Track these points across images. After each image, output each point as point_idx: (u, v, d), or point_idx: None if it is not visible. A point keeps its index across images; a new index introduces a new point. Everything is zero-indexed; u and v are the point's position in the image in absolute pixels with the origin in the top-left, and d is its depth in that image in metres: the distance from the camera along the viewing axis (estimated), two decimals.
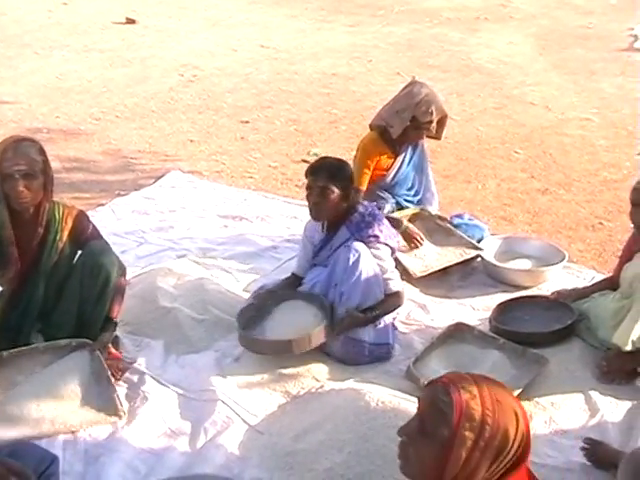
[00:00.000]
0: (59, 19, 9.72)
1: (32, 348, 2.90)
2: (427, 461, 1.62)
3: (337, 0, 11.13)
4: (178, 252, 4.04)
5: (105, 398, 2.80)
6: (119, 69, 7.65)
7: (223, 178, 5.13)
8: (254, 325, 3.22)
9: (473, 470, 1.58)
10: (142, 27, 9.41)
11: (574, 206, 4.76)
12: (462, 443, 1.56)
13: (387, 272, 3.18)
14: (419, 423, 1.65)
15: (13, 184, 2.78)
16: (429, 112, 3.80)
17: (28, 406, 2.70)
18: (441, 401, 1.60)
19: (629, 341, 2.99)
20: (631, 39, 8.98)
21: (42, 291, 2.97)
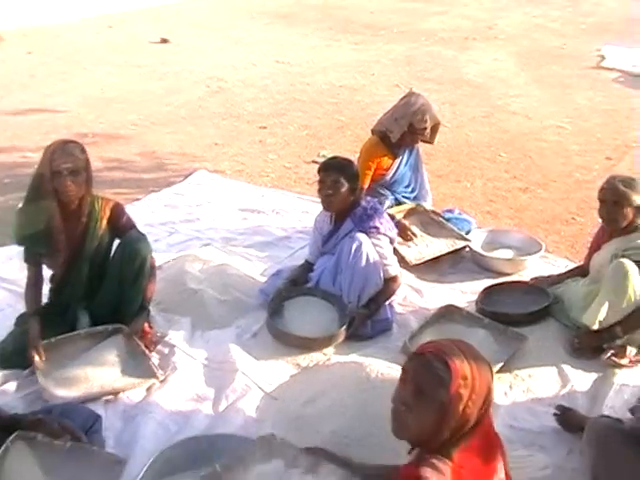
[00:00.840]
0: (104, 40, 9.65)
1: (75, 334, 2.88)
2: (427, 423, 1.63)
3: (344, 21, 11.02)
4: (203, 241, 3.99)
5: (142, 367, 2.80)
6: (154, 82, 7.57)
7: (243, 177, 5.06)
8: (281, 313, 3.18)
9: (467, 420, 1.63)
10: (174, 45, 9.31)
11: (550, 203, 4.69)
12: (459, 400, 1.60)
13: (386, 259, 3.15)
14: (415, 390, 1.64)
15: (61, 180, 2.76)
16: (424, 120, 3.76)
17: (77, 377, 2.70)
18: (437, 368, 1.61)
19: (596, 321, 2.95)
20: (598, 58, 8.85)
21: (86, 273, 2.95)
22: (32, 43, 9.39)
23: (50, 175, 2.77)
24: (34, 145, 5.59)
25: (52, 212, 2.83)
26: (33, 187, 2.85)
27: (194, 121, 6.28)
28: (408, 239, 3.70)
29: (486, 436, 1.71)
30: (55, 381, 2.68)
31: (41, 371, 2.70)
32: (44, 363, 2.73)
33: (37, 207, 2.83)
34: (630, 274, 2.89)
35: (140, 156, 5.41)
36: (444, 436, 1.63)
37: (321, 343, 3.01)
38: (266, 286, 3.35)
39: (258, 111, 6.59)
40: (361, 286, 3.09)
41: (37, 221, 2.84)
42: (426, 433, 1.64)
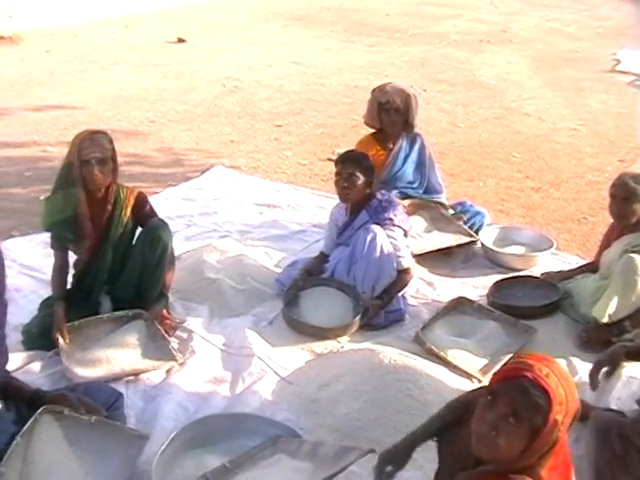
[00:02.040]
0: (121, 39, 9.81)
1: (97, 318, 3.00)
2: (517, 448, 1.58)
3: (359, 24, 11.13)
4: (221, 233, 4.09)
5: (162, 350, 2.91)
6: (171, 81, 7.70)
7: (259, 173, 5.16)
8: (297, 303, 3.28)
9: (557, 442, 1.60)
10: (191, 46, 9.45)
11: (562, 203, 4.77)
12: (554, 426, 1.56)
13: (400, 250, 3.24)
14: (511, 414, 1.57)
15: (90, 169, 2.87)
16: (384, 92, 3.80)
17: (99, 358, 2.81)
18: (536, 395, 1.55)
19: (606, 315, 3.02)
20: (614, 62, 8.90)
21: (110, 259, 3.05)
22: (50, 43, 9.56)
23: (79, 164, 2.88)
24: (54, 140, 5.74)
25: (79, 199, 2.94)
26: (61, 175, 2.97)
27: (210, 119, 6.39)
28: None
29: (564, 455, 1.69)
30: (78, 362, 2.79)
31: (65, 352, 2.81)
32: (68, 345, 2.85)
33: (65, 194, 2.95)
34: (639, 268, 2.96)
35: (158, 152, 5.52)
36: (533, 459, 1.60)
37: (335, 332, 3.11)
38: (282, 276, 3.45)
39: (274, 110, 6.69)
40: (375, 277, 3.18)
41: (65, 208, 2.95)
42: (514, 455, 1.59)
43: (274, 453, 2.31)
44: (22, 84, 7.47)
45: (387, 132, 3.94)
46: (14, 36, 9.63)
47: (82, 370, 2.73)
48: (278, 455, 2.30)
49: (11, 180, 4.86)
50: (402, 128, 3.94)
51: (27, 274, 3.61)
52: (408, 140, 4.00)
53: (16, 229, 4.10)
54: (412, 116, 3.90)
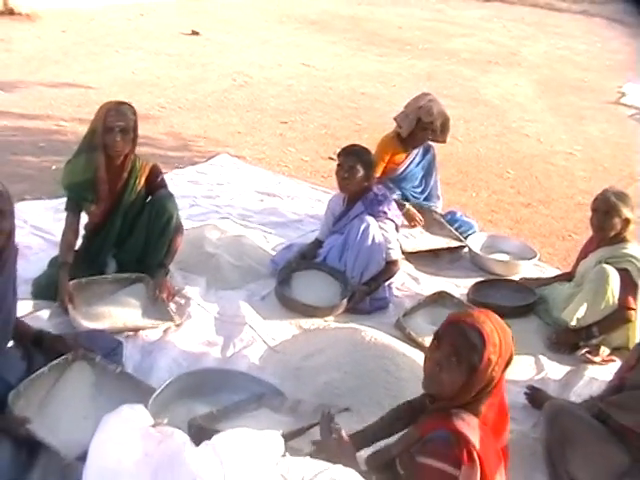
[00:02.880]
0: (136, 26, 10.13)
1: (103, 278, 3.28)
2: (458, 382, 1.88)
3: (371, 34, 11.49)
4: (222, 215, 4.37)
5: (161, 311, 3.19)
6: (183, 70, 8.01)
7: (262, 164, 5.45)
8: (289, 283, 3.56)
9: (492, 380, 1.90)
10: (204, 39, 9.78)
11: (550, 220, 5.07)
12: (489, 365, 1.86)
13: (390, 242, 3.53)
14: (450, 354, 1.87)
15: (113, 136, 3.13)
16: (430, 114, 4.11)
17: (103, 313, 3.10)
18: (473, 336, 1.85)
19: (574, 318, 3.30)
20: (618, 95, 9.26)
21: (120, 223, 3.32)
22: (66, 23, 9.86)
23: (102, 130, 3.14)
24: (67, 116, 6.02)
25: (99, 164, 3.21)
26: (85, 140, 3.24)
27: (219, 110, 6.70)
28: (414, 225, 4.09)
29: (500, 396, 1.99)
30: (83, 314, 3.06)
31: (71, 305, 3.08)
32: (74, 298, 3.11)
33: (87, 158, 3.21)
34: (611, 279, 3.25)
35: (167, 135, 5.81)
36: (471, 394, 1.89)
37: (323, 311, 3.39)
38: (277, 257, 3.74)
39: (281, 107, 7.01)
40: (365, 264, 3.47)
41: (85, 170, 3.21)
42: (455, 391, 1.89)
43: (259, 407, 2.59)
44: (38, 60, 7.76)
45: (413, 142, 4.27)
46: (32, 14, 9.94)
47: (87, 322, 3.00)
48: (262, 409, 2.58)
49: (26, 149, 5.14)
50: (427, 143, 4.37)
51: (37, 235, 3.88)
52: (423, 148, 4.39)
53: (28, 193, 4.37)
54: (444, 138, 4.32)
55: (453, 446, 1.83)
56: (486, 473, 1.83)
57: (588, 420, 2.54)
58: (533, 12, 17.44)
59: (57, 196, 4.19)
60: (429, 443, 1.89)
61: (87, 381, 2.45)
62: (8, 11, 9.90)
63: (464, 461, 1.81)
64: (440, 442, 1.86)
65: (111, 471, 1.82)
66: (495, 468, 1.89)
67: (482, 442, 1.85)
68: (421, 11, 15.16)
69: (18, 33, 9.01)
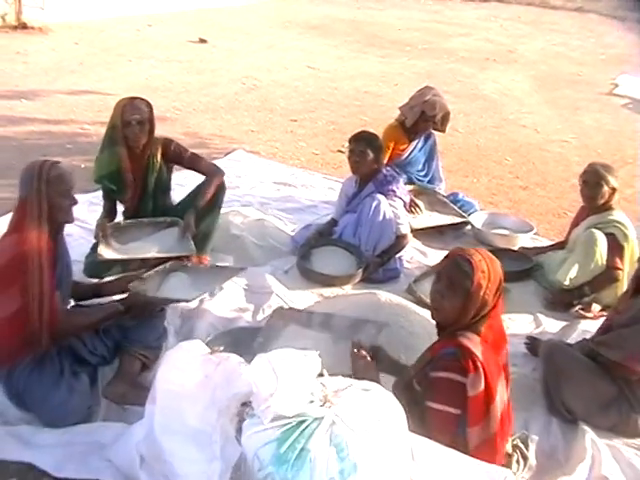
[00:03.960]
0: (145, 36, 10.57)
1: (140, 221, 3.68)
2: (456, 306, 2.27)
3: (372, 36, 11.91)
4: (243, 203, 4.77)
5: (183, 246, 3.56)
6: (194, 76, 8.43)
7: (276, 159, 5.84)
8: (309, 258, 3.95)
9: (486, 303, 2.28)
10: (211, 46, 10.21)
11: (546, 200, 5.45)
12: (480, 288, 2.24)
13: (399, 218, 3.92)
14: (448, 283, 2.28)
15: (131, 129, 3.50)
16: (434, 108, 4.53)
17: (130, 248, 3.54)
18: (463, 265, 2.25)
19: (567, 278, 3.70)
20: (612, 86, 9.64)
21: (151, 204, 3.73)
22: (78, 35, 10.31)
23: (121, 125, 3.53)
24: (89, 120, 6.44)
25: (121, 156, 3.60)
26: (106, 136, 3.63)
27: (231, 111, 7.10)
28: (414, 212, 4.47)
29: (498, 319, 2.39)
30: (112, 249, 3.49)
31: (103, 241, 3.48)
32: (110, 238, 3.52)
33: (110, 152, 3.60)
34: (599, 241, 3.64)
35: (184, 135, 6.19)
36: (469, 316, 2.28)
37: (341, 281, 3.78)
38: (297, 236, 4.14)
39: (290, 107, 7.41)
40: (377, 238, 3.86)
41: (110, 164, 3.61)
42: (456, 314, 2.28)
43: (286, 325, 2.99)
44: (55, 71, 8.19)
45: (416, 130, 4.67)
46: (44, 27, 10.41)
47: (110, 254, 3.44)
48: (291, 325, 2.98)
49: (54, 150, 5.54)
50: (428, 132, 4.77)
51: (76, 224, 4.25)
52: (425, 136, 4.79)
53: None
54: (443, 128, 4.73)
55: (460, 358, 2.22)
56: (489, 380, 2.22)
57: (579, 357, 2.92)
58: (529, 11, 17.86)
59: (88, 191, 4.59)
60: (439, 359, 2.29)
61: (184, 274, 3.20)
62: (21, 25, 10.37)
63: (470, 370, 2.20)
64: (449, 357, 2.26)
65: (175, 393, 2.21)
66: (496, 377, 2.27)
67: (484, 355, 2.24)
68: (419, 13, 15.60)
69: (33, 46, 9.45)
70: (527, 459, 2.60)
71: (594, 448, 2.71)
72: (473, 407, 2.25)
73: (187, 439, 2.12)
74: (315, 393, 2.01)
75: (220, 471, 2.04)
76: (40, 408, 2.64)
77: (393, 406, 2.10)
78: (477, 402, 2.24)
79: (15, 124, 6.15)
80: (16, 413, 2.70)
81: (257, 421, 2.00)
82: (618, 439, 2.82)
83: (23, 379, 2.61)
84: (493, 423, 2.28)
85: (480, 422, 2.27)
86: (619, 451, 2.75)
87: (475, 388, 2.23)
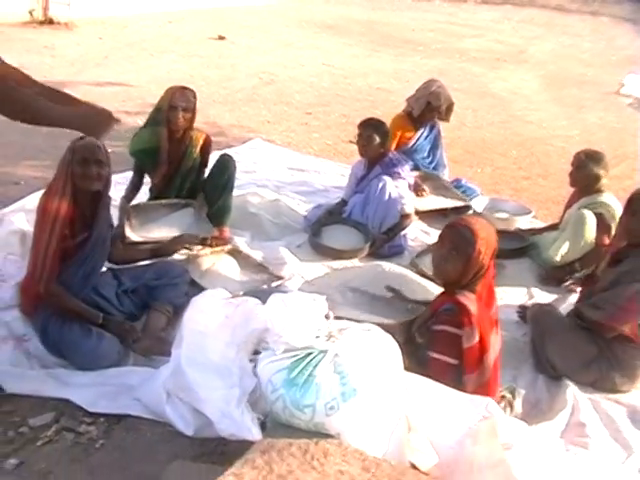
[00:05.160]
0: (166, 32, 10.94)
1: (157, 203, 4.01)
2: (458, 269, 2.57)
3: (386, 36, 12.22)
4: (259, 186, 5.09)
5: (203, 228, 3.91)
6: (213, 70, 8.77)
7: (291, 147, 6.15)
8: (320, 234, 4.26)
9: (482, 266, 2.59)
10: (230, 42, 10.56)
11: (547, 189, 5.73)
12: (480, 253, 2.54)
13: (403, 198, 4.22)
14: (451, 248, 2.57)
15: (175, 113, 3.83)
16: (438, 99, 4.84)
17: (153, 229, 3.88)
18: (466, 233, 2.55)
19: (559, 254, 3.99)
20: (619, 86, 9.90)
21: (178, 185, 4.05)
22: (102, 31, 10.70)
23: (167, 108, 3.86)
24: (114, 109, 6.59)
25: (162, 135, 3.93)
26: (151, 116, 3.97)
27: (249, 104, 7.43)
28: (420, 195, 4.76)
29: (490, 279, 2.68)
30: (136, 231, 3.83)
31: (128, 223, 3.83)
32: (133, 219, 3.86)
33: (152, 130, 3.94)
34: (588, 220, 3.92)
35: (204, 124, 6.47)
36: (469, 277, 2.58)
37: (349, 254, 4.08)
38: (309, 215, 4.45)
39: (305, 101, 7.74)
40: (383, 216, 4.16)
41: (150, 140, 3.94)
42: (457, 275, 2.58)
43: None
44: (81, 63, 8.56)
45: (421, 120, 4.99)
46: (69, 23, 10.81)
47: (136, 236, 3.77)
48: None
49: None
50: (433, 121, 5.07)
51: None
52: (430, 125, 5.10)
53: None
54: (448, 118, 5.05)
55: (456, 313, 2.53)
56: (483, 333, 2.53)
57: (563, 318, 3.23)
58: (542, 13, 18.13)
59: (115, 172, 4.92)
60: (439, 314, 2.60)
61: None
62: (48, 21, 10.78)
63: (465, 324, 2.50)
64: (447, 312, 2.57)
65: (200, 332, 2.52)
66: (489, 330, 2.57)
67: (478, 311, 2.53)
68: (433, 15, 15.91)
69: (59, 40, 9.84)
70: (513, 407, 2.89)
71: (575, 399, 3.00)
72: (468, 357, 2.55)
73: (210, 370, 2.43)
74: (321, 330, 2.31)
75: (239, 395, 2.35)
76: (74, 354, 2.94)
77: (391, 345, 2.40)
78: (472, 353, 2.55)
79: None
80: (53, 359, 3.00)
81: (271, 353, 2.30)
82: (598, 393, 3.10)
83: (57, 330, 2.93)
84: (487, 371, 2.58)
85: (475, 370, 2.57)
86: (598, 404, 3.04)
87: (470, 340, 2.53)
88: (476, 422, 2.36)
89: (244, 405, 2.34)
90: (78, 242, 3.01)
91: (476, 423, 2.35)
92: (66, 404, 2.73)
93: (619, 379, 3.10)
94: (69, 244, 2.96)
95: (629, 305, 3.02)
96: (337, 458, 2.10)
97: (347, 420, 2.18)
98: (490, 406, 2.38)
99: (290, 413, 2.21)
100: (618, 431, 2.89)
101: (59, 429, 2.60)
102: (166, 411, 2.62)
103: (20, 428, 2.59)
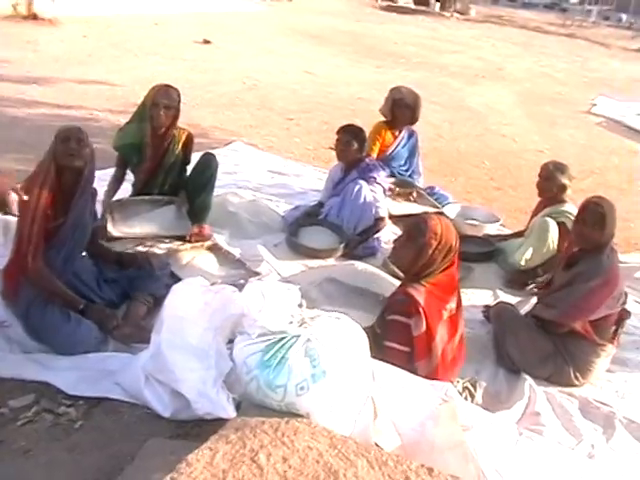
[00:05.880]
0: (151, 34, 11.06)
1: (140, 199, 4.15)
2: (409, 256, 2.80)
3: (369, 48, 12.45)
4: (239, 187, 5.23)
5: (184, 226, 4.07)
6: (197, 74, 8.89)
7: (272, 151, 6.29)
8: (297, 234, 4.41)
9: (434, 261, 2.79)
10: (215, 47, 10.70)
11: (516, 200, 5.94)
12: (430, 246, 2.75)
13: (378, 202, 4.39)
14: (406, 237, 2.81)
15: (157, 110, 3.98)
16: (399, 92, 5.09)
17: (134, 225, 4.02)
18: (421, 225, 2.78)
19: (523, 259, 4.19)
20: (590, 106, 10.21)
21: (161, 181, 4.19)
22: (86, 29, 10.79)
23: (150, 105, 4.00)
24: (99, 106, 6.90)
25: (146, 132, 4.07)
26: (136, 112, 4.11)
27: (232, 108, 7.58)
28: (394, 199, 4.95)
29: (450, 280, 2.89)
30: (118, 228, 3.97)
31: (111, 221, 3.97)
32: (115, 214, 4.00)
33: (136, 127, 4.08)
34: (550, 228, 4.13)
35: (187, 126, 6.53)
36: (417, 267, 2.79)
37: (324, 253, 4.24)
38: (287, 215, 4.60)
39: (287, 107, 7.90)
40: (358, 218, 4.32)
41: (134, 136, 4.08)
42: (408, 262, 2.82)
43: None
44: (64, 60, 8.65)
45: (396, 122, 5.18)
46: (53, 19, 10.90)
47: (118, 233, 3.91)
48: None
49: None
50: (408, 122, 5.19)
51: None
52: (408, 133, 5.29)
53: None
54: (418, 113, 5.19)
55: (406, 304, 2.74)
56: (429, 322, 2.73)
57: (522, 317, 3.44)
58: (521, 33, 18.53)
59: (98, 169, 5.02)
60: (391, 305, 2.79)
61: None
62: (32, 16, 10.85)
63: (413, 313, 2.68)
64: (398, 302, 2.78)
65: (179, 317, 2.65)
66: (437, 320, 2.77)
67: (426, 302, 2.73)
68: (416, 29, 16.21)
69: (43, 36, 9.93)
70: (474, 397, 3.07)
71: (531, 391, 3.20)
72: (418, 345, 2.76)
73: (188, 353, 2.56)
74: (295, 316, 2.47)
75: (215, 376, 2.49)
76: (53, 338, 3.03)
77: (359, 334, 2.56)
78: (421, 340, 2.76)
79: (28, 106, 6.60)
80: (34, 344, 3.08)
81: (246, 337, 2.45)
82: (553, 387, 3.31)
83: (38, 315, 3.04)
84: (435, 358, 2.79)
85: (424, 358, 2.78)
86: (553, 396, 3.24)
87: (418, 328, 2.75)
88: (437, 406, 2.53)
89: (220, 385, 2.48)
90: (58, 224, 3.11)
91: (437, 406, 2.53)
92: (46, 387, 2.81)
93: (573, 374, 3.31)
94: (50, 225, 3.06)
95: (581, 303, 3.22)
96: (306, 435, 2.24)
97: (316, 400, 2.33)
98: (449, 391, 2.55)
99: (263, 393, 2.36)
100: (570, 421, 3.09)
101: (39, 410, 2.67)
102: (144, 394, 2.73)
103: (0, 409, 2.66)
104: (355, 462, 2.13)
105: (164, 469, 2.05)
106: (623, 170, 7.36)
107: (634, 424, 3.12)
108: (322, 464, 2.10)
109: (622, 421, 3.13)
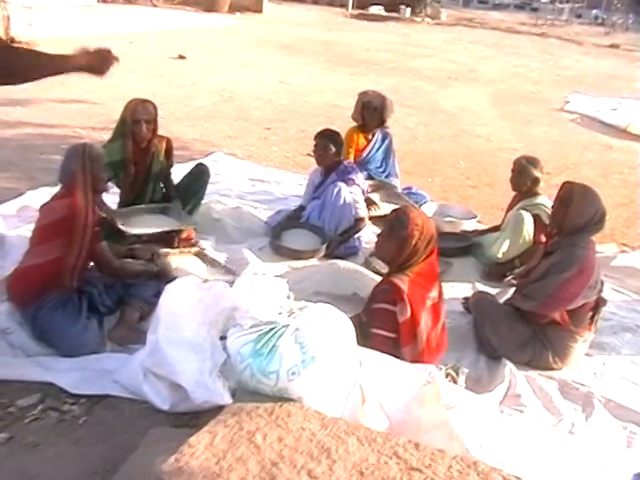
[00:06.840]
0: (127, 52, 11.17)
1: (137, 208, 4.33)
2: (393, 247, 3.00)
3: (342, 56, 12.72)
4: (222, 194, 5.42)
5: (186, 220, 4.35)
6: (175, 89, 9.09)
7: (252, 160, 6.48)
8: (280, 237, 4.60)
9: (417, 251, 2.99)
10: (190, 62, 10.90)
11: (492, 197, 6.17)
12: (412, 237, 2.95)
13: (357, 203, 4.59)
14: (389, 229, 3.01)
15: (140, 126, 4.16)
16: (366, 94, 5.33)
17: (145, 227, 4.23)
18: (402, 217, 2.97)
19: (500, 252, 4.40)
20: (563, 103, 10.54)
21: (151, 190, 4.38)
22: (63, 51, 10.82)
23: (131, 122, 4.18)
24: (81, 125, 7.06)
25: (128, 148, 4.24)
26: (116, 130, 4.28)
27: (210, 120, 7.77)
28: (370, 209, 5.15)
29: (431, 271, 3.10)
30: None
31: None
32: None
33: (119, 144, 4.24)
34: (525, 220, 4.35)
35: None
36: (402, 258, 2.98)
37: (307, 254, 4.43)
38: (270, 220, 4.79)
39: (264, 117, 8.11)
40: (338, 219, 4.52)
41: (117, 153, 4.24)
42: (392, 254, 3.01)
43: None
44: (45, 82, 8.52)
45: (367, 125, 5.39)
46: (31, 42, 10.98)
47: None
48: None
49: (51, 149, 6.12)
50: (378, 124, 5.39)
51: None
52: (382, 135, 5.50)
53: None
54: (386, 114, 5.39)
55: (390, 292, 2.93)
56: (414, 309, 2.92)
57: (501, 305, 3.63)
58: (493, 35, 18.96)
59: None
60: (376, 294, 2.99)
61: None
62: (10, 40, 10.94)
63: (397, 300, 2.88)
64: (383, 291, 2.97)
65: (175, 314, 2.83)
66: (421, 307, 2.97)
67: (410, 290, 2.93)
68: (388, 36, 16.54)
69: None
70: (457, 383, 3.26)
71: (512, 375, 3.39)
72: (404, 330, 2.95)
73: (185, 346, 2.74)
74: (284, 307, 2.66)
75: (211, 367, 2.67)
76: (60, 340, 3.22)
77: (346, 323, 2.75)
78: (406, 326, 2.95)
79: (12, 127, 6.75)
80: (36, 349, 3.25)
81: (239, 328, 2.63)
82: (533, 371, 3.50)
83: (48, 317, 3.22)
84: (420, 343, 2.98)
85: (410, 343, 2.97)
86: (533, 379, 3.43)
87: (403, 315, 2.94)
88: (421, 387, 2.72)
89: (215, 374, 2.66)
90: None
91: (421, 387, 2.72)
92: (50, 387, 2.98)
93: (551, 358, 3.49)
94: None
95: (557, 293, 3.41)
96: (299, 417, 2.43)
97: (307, 385, 2.51)
98: (433, 372, 2.75)
99: (257, 380, 2.53)
100: (550, 401, 3.28)
101: (45, 408, 2.86)
102: (143, 389, 2.91)
103: (8, 408, 2.83)
104: (346, 440, 2.32)
105: (167, 452, 2.22)
106: (597, 164, 7.64)
107: (612, 402, 3.31)
108: (315, 442, 2.29)
109: (600, 400, 3.31)
